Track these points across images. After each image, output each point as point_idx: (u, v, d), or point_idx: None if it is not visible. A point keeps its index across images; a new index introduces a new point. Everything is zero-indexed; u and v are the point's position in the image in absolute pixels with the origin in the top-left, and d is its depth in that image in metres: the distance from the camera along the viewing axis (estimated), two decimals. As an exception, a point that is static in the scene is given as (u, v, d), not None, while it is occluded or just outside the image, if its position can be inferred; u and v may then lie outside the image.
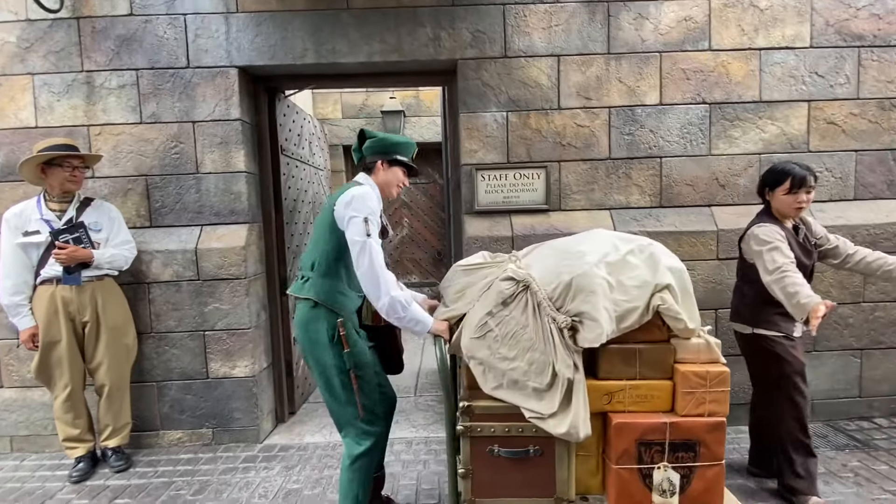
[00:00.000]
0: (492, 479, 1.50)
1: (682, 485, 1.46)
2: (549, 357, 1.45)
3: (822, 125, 2.82)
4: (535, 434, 1.47)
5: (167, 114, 2.75)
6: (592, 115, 2.78)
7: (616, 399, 1.50)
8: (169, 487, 2.36)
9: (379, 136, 1.88)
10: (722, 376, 1.48)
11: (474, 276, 1.73)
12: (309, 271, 1.75)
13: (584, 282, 1.47)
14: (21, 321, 2.38)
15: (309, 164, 3.61)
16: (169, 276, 2.73)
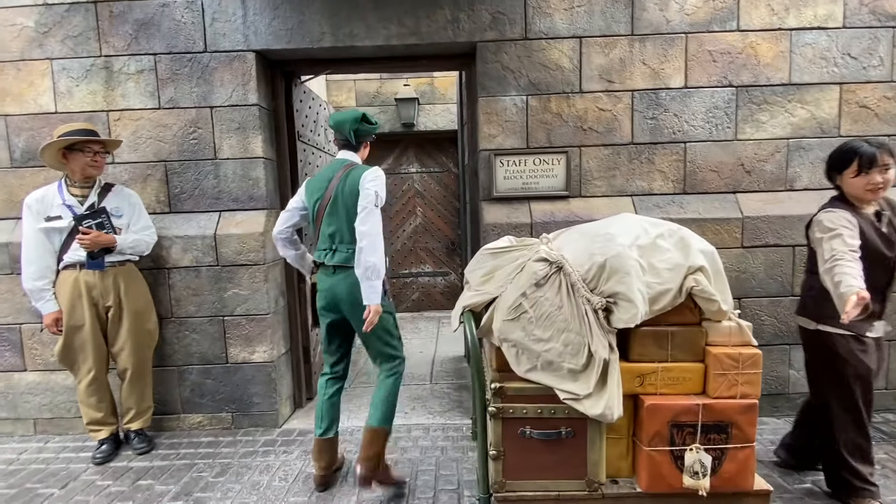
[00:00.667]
0: (523, 461, 1.51)
1: (713, 466, 1.45)
2: (584, 338, 1.44)
3: (854, 109, 2.72)
4: (568, 416, 1.47)
5: (185, 99, 2.74)
6: (615, 98, 2.72)
7: (648, 381, 1.49)
8: (191, 469, 2.39)
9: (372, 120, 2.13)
10: (754, 358, 1.46)
11: (502, 258, 1.71)
12: (340, 243, 1.98)
13: (618, 263, 1.45)
14: (44, 306, 2.40)
15: (324, 151, 3.60)
16: (189, 261, 2.74)
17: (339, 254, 1.98)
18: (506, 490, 1.51)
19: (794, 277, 2.72)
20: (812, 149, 2.74)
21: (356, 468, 2.01)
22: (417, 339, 4.62)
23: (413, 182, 5.61)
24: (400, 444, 2.58)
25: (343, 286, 1.96)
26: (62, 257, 2.40)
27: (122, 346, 2.51)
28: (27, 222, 2.38)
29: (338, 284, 1.97)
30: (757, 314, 2.73)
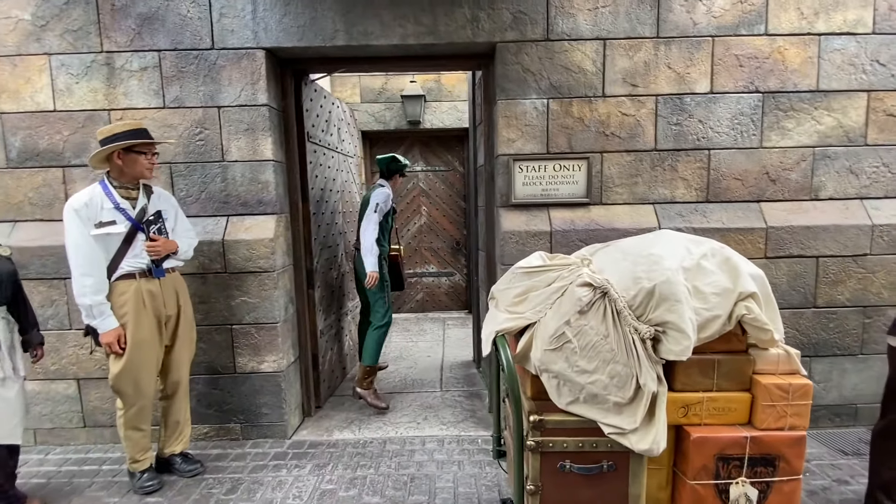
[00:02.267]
0: (561, 496, 1.43)
1: (758, 500, 1.40)
2: (632, 369, 1.37)
3: (882, 117, 2.66)
4: (610, 449, 1.40)
5: (191, 98, 2.62)
6: (638, 103, 2.63)
7: (692, 412, 1.43)
8: (200, 485, 2.32)
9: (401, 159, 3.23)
10: (804, 389, 1.41)
11: (537, 279, 1.62)
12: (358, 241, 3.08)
13: (669, 290, 1.37)
14: (107, 321, 2.11)
15: (337, 151, 3.50)
16: (195, 267, 2.63)
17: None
18: None
19: (817, 289, 2.67)
20: (838, 157, 2.68)
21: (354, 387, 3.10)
22: (424, 342, 4.55)
23: (418, 181, 5.51)
24: (415, 458, 2.51)
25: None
26: (118, 266, 2.15)
27: (179, 357, 2.35)
28: (76, 230, 2.07)
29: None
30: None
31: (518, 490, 1.47)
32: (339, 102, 3.57)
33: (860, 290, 2.67)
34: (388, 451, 2.60)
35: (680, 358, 1.35)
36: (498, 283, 1.79)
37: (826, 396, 2.72)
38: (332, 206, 3.41)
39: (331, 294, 3.42)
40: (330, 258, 3.40)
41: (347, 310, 3.77)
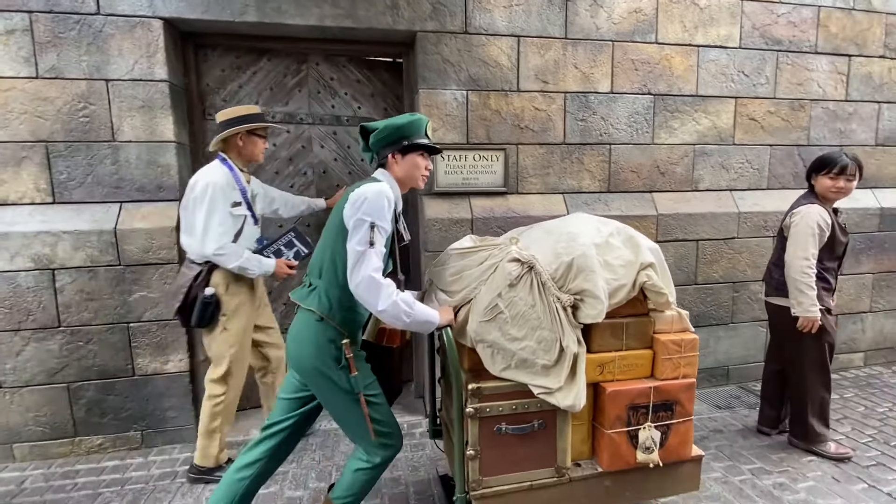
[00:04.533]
0: (498, 457, 1.54)
1: (661, 441, 1.62)
2: (556, 334, 1.50)
3: (745, 121, 3.11)
4: (539, 409, 1.54)
5: (72, 68, 2.31)
6: (549, 99, 2.81)
7: (607, 369, 1.62)
8: (95, 500, 2.08)
9: (380, 125, 1.58)
10: (693, 342, 1.66)
11: (469, 259, 1.70)
12: (316, 278, 1.54)
13: (584, 262, 1.53)
14: (268, 262, 2.19)
15: (300, 123, 2.93)
16: (81, 260, 2.34)
17: (301, 288, 1.73)
18: (483, 487, 1.53)
19: (697, 268, 3.07)
20: (713, 154, 3.09)
21: None
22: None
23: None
24: (340, 449, 2.48)
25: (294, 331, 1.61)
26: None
27: (273, 339, 2.41)
28: (221, 205, 2.05)
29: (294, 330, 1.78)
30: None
31: (459, 456, 1.53)
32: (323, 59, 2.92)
33: (730, 269, 3.11)
34: (311, 444, 2.53)
35: (596, 320, 1.52)
36: (432, 265, 1.84)
37: (704, 361, 3.14)
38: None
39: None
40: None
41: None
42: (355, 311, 1.53)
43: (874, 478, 2.15)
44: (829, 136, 3.25)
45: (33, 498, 2.10)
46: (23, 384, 2.35)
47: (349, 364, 1.47)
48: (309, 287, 1.55)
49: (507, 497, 1.56)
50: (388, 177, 1.60)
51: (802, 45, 3.11)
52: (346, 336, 1.49)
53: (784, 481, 2.13)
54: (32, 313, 2.32)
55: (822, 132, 3.24)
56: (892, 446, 2.40)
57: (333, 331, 1.49)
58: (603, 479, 1.63)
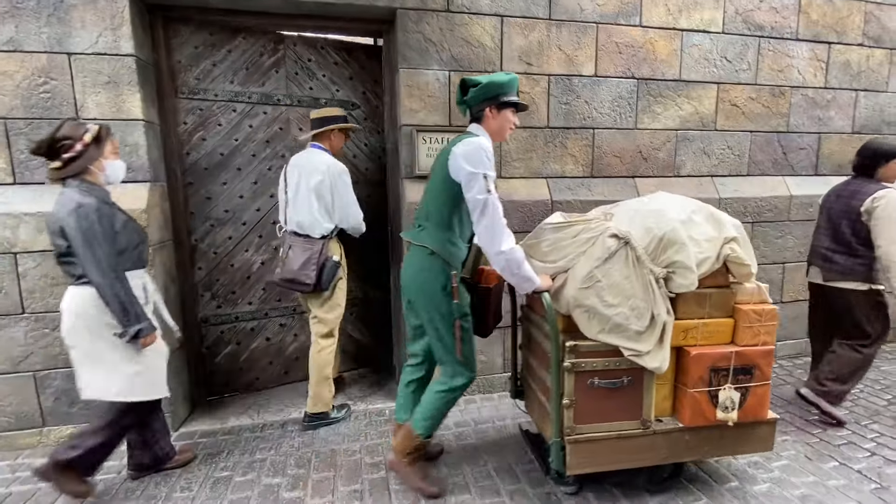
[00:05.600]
0: (590, 408, 1.73)
1: (740, 401, 1.77)
2: (648, 303, 1.67)
3: (727, 106, 3.12)
4: (628, 367, 1.71)
5: (31, 41, 2.18)
6: (533, 81, 2.77)
7: (690, 335, 1.78)
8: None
9: (483, 81, 1.76)
10: (772, 313, 1.80)
11: (564, 232, 1.86)
12: (425, 220, 1.81)
13: (675, 236, 1.70)
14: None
15: (277, 104, 2.87)
16: (45, 244, 2.24)
17: (412, 229, 1.87)
18: (576, 433, 1.74)
19: (679, 254, 3.08)
20: (695, 140, 3.10)
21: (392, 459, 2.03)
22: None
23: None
24: (320, 435, 2.45)
25: (409, 264, 1.85)
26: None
27: None
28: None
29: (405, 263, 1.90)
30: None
31: (556, 405, 1.72)
32: (301, 39, 2.88)
33: (710, 255, 3.13)
34: (289, 431, 2.50)
35: (689, 289, 1.70)
36: (526, 238, 1.98)
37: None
38: (255, 174, 2.86)
39: (243, 281, 2.91)
40: (241, 238, 2.87)
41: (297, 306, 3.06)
42: (458, 247, 1.80)
43: (845, 456, 2.20)
44: (808, 123, 3.29)
45: (0, 490, 2.03)
46: (-15, 373, 2.25)
47: (453, 291, 1.75)
48: (419, 228, 1.83)
49: (596, 443, 1.76)
50: (482, 131, 1.80)
51: (784, 32, 3.12)
52: (453, 267, 1.76)
53: (758, 460, 2.17)
54: (-7, 299, 2.22)
55: (802, 119, 3.27)
56: (862, 425, 2.47)
57: (441, 262, 1.75)
58: (683, 433, 1.80)
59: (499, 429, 2.48)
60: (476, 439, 2.37)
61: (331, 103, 2.97)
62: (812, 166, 3.36)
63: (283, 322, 3.05)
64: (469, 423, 2.55)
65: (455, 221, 1.77)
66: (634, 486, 1.97)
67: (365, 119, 3.15)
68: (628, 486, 1.97)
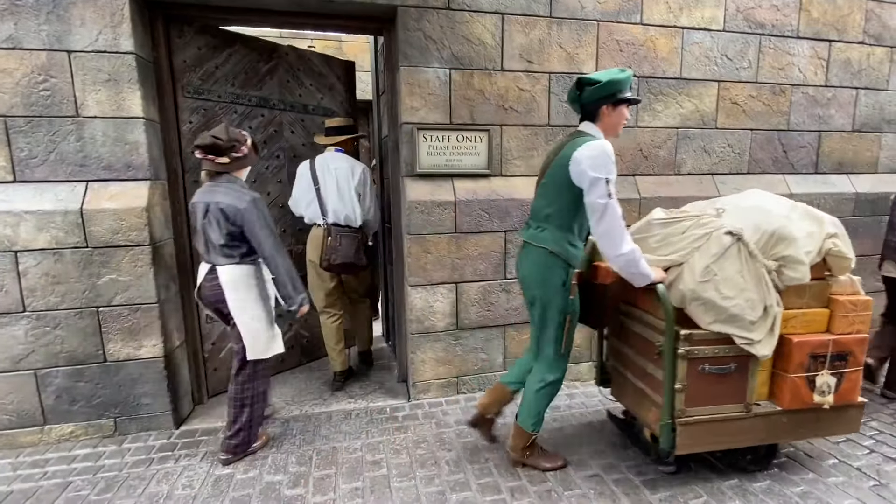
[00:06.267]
0: (699, 392, 1.84)
1: (835, 385, 1.88)
2: (761, 295, 1.77)
3: (728, 104, 3.12)
4: (735, 354, 1.82)
5: (30, 38, 2.18)
6: (534, 79, 2.77)
7: (790, 324, 1.88)
8: (65, 489, 2.02)
9: (602, 79, 1.77)
10: (867, 303, 1.91)
11: (671, 228, 1.94)
12: (544, 222, 1.89)
13: (785, 231, 1.81)
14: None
15: (272, 108, 3.00)
16: (45, 242, 2.24)
17: (529, 230, 1.96)
18: (686, 415, 1.84)
19: (679, 252, 3.09)
20: (695, 138, 3.09)
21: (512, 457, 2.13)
22: (329, 321, 4.41)
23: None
24: (321, 433, 2.45)
25: (530, 262, 1.93)
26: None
27: None
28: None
29: (521, 262, 2.00)
30: None
31: (669, 389, 1.82)
32: (292, 50, 3.07)
33: (710, 253, 3.14)
34: (291, 429, 2.50)
35: (802, 282, 1.82)
36: (633, 233, 2.01)
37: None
38: (253, 173, 2.87)
39: None
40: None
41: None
42: (577, 248, 1.90)
43: (844, 453, 2.22)
44: (808, 122, 3.29)
45: (0, 487, 2.03)
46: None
47: (570, 288, 1.88)
48: (538, 229, 1.91)
49: (703, 425, 1.87)
50: (595, 129, 1.85)
51: (784, 30, 3.11)
52: (572, 265, 1.86)
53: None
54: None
55: (802, 117, 3.27)
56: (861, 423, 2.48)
57: (561, 261, 1.85)
58: (782, 416, 1.91)
59: (499, 426, 2.48)
60: (476, 436, 2.38)
61: (317, 110, 3.22)
62: (812, 164, 3.37)
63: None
64: (470, 420, 2.56)
65: (575, 223, 1.86)
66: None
67: None
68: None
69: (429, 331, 2.75)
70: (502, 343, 2.88)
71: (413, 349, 2.76)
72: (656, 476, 2.06)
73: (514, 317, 2.86)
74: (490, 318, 2.83)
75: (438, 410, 2.67)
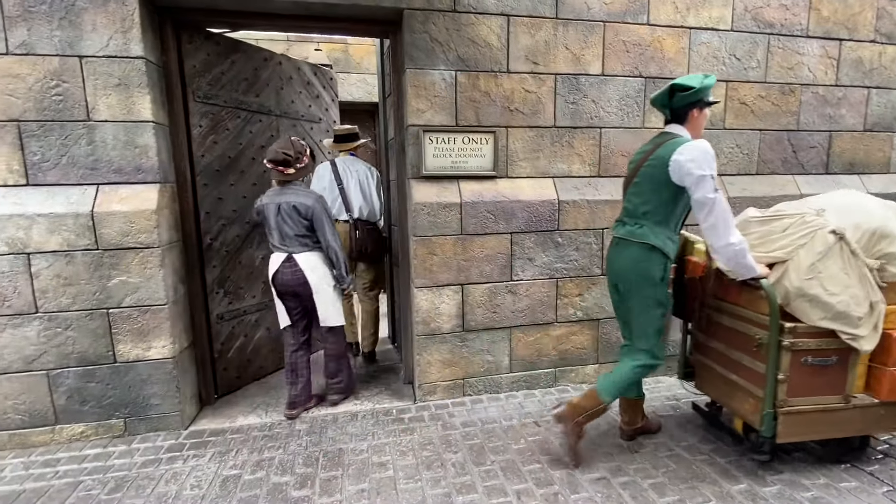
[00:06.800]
0: (801, 383, 1.90)
1: None
2: (866, 292, 1.82)
3: (736, 105, 3.09)
4: (836, 347, 1.87)
5: (43, 44, 2.21)
6: (539, 80, 2.76)
7: (889, 319, 1.90)
8: (76, 488, 2.04)
9: (695, 86, 1.89)
10: None
11: (771, 226, 2.00)
12: (641, 218, 2.00)
13: (888, 230, 1.86)
14: None
15: (270, 114, 3.12)
16: (57, 244, 2.27)
17: (625, 227, 2.05)
18: (787, 405, 1.91)
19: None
20: (703, 138, 3.06)
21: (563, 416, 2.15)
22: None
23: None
24: (328, 435, 2.46)
25: (628, 257, 2.01)
26: None
27: None
28: None
29: (615, 258, 2.08)
30: None
31: (772, 379, 1.89)
32: (285, 59, 3.21)
33: (718, 254, 3.11)
34: (297, 430, 2.51)
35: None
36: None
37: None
38: (254, 176, 3.04)
39: (248, 276, 3.05)
40: (246, 235, 3.02)
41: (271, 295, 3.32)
42: (675, 242, 2.01)
43: (857, 457, 2.18)
44: (818, 122, 3.25)
45: (13, 486, 2.06)
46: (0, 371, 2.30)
47: (668, 281, 1.99)
48: (635, 225, 2.01)
49: (804, 415, 1.93)
50: (684, 130, 1.98)
51: (794, 29, 3.08)
52: (670, 259, 1.97)
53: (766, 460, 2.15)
54: (7, 299, 2.25)
55: (812, 117, 3.23)
56: (873, 427, 2.44)
57: (661, 256, 1.95)
58: (879, 408, 1.96)
59: (505, 428, 2.48)
60: (482, 438, 2.37)
61: (306, 116, 3.42)
62: (822, 165, 3.32)
63: None
64: (476, 422, 2.55)
65: (673, 219, 1.98)
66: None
67: (326, 132, 3.66)
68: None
69: (435, 332, 2.76)
70: (508, 345, 2.87)
71: (419, 351, 2.77)
72: (664, 480, 2.04)
73: (520, 318, 2.86)
74: (496, 319, 2.83)
75: (444, 412, 2.67)
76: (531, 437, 2.39)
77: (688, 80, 1.92)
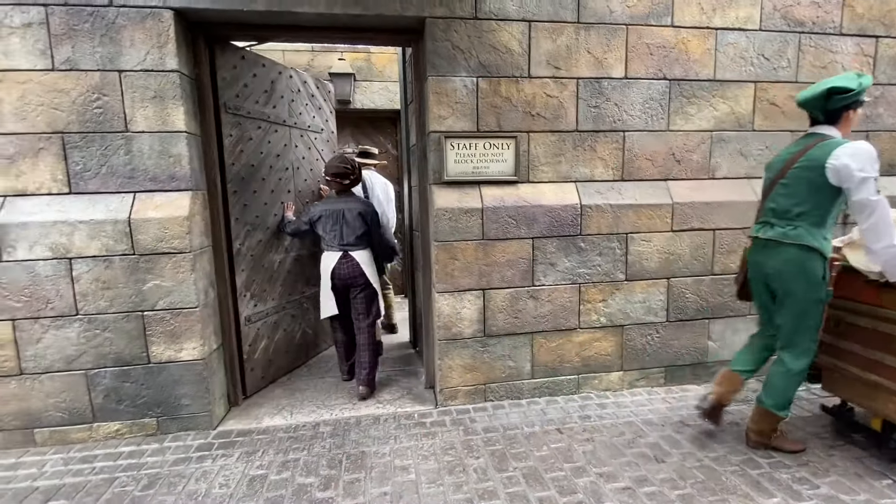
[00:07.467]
0: None
1: None
2: None
3: (766, 106, 3.01)
4: None
5: (86, 60, 2.34)
6: (561, 85, 2.76)
7: None
8: (112, 484, 2.13)
9: (854, 88, 1.92)
10: None
11: None
12: (795, 220, 2.03)
13: None
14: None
15: (285, 125, 3.28)
16: (97, 249, 2.38)
17: (775, 229, 2.08)
18: None
19: (714, 258, 2.99)
20: (731, 141, 3.00)
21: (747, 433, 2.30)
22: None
23: None
24: (351, 437, 2.49)
25: (786, 259, 2.04)
26: None
27: None
28: None
29: (766, 259, 2.11)
30: (682, 292, 2.98)
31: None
32: (294, 73, 3.37)
33: (748, 259, 3.02)
34: (321, 433, 2.55)
35: None
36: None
37: (721, 353, 3.07)
38: (272, 184, 3.17)
39: (269, 279, 3.18)
40: (267, 240, 3.15)
41: (299, 297, 3.50)
42: (828, 240, 2.02)
43: (899, 473, 2.08)
44: (854, 122, 3.13)
45: (53, 481, 2.16)
46: (42, 371, 2.41)
47: (829, 279, 2.02)
48: (789, 227, 2.04)
49: None
50: (836, 131, 2.01)
51: (826, 27, 2.99)
52: (827, 258, 1.99)
53: (804, 475, 2.06)
54: (51, 301, 2.37)
55: (847, 117, 3.11)
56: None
57: (819, 255, 1.98)
58: None
59: (527, 435, 2.46)
60: (504, 444, 2.36)
61: (312, 127, 3.60)
62: (859, 166, 3.19)
63: (293, 313, 3.46)
64: (498, 428, 2.54)
65: (829, 219, 2.00)
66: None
67: (327, 142, 3.83)
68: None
69: (456, 337, 2.76)
70: (530, 351, 2.85)
71: (440, 356, 2.78)
72: (692, 491, 1.98)
73: (542, 324, 2.84)
74: (517, 325, 2.81)
75: (466, 417, 2.67)
76: (554, 445, 2.36)
77: (844, 81, 1.93)
